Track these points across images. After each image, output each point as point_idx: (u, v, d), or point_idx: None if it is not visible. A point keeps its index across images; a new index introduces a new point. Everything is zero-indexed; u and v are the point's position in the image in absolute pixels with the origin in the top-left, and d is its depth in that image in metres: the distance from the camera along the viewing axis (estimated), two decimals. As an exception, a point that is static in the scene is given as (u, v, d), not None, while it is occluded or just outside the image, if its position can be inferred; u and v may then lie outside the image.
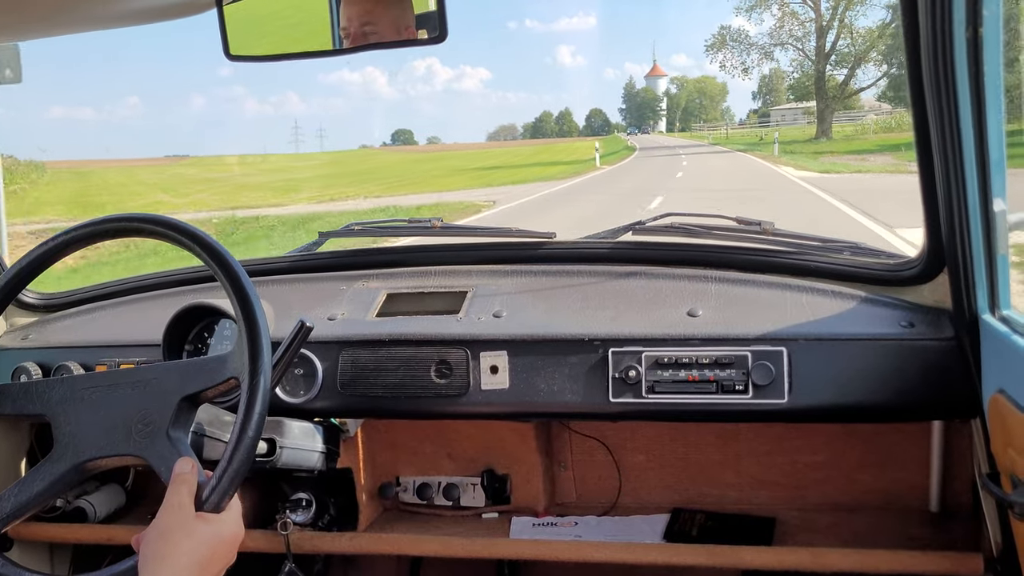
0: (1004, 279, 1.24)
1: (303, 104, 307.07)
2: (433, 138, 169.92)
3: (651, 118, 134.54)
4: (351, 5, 1.28)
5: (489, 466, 1.88)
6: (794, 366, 1.45)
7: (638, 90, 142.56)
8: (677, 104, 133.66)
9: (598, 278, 1.68)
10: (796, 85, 58.45)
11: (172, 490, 1.06)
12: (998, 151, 1.14)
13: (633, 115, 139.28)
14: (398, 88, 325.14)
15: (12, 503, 1.16)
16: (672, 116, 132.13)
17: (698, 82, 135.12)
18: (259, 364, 1.11)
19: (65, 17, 1.39)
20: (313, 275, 1.86)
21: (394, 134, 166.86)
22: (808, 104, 59.78)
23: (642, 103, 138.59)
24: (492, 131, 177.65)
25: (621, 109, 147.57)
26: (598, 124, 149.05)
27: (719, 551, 1.59)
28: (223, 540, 1.04)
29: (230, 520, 1.07)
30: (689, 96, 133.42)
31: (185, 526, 1.03)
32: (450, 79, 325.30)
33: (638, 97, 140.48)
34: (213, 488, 1.07)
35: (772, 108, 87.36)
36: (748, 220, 1.81)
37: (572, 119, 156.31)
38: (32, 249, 1.28)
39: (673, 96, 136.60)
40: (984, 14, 1.06)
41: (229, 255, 1.19)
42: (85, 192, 27.05)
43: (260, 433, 1.11)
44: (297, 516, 1.76)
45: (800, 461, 1.81)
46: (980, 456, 1.39)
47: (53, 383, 1.22)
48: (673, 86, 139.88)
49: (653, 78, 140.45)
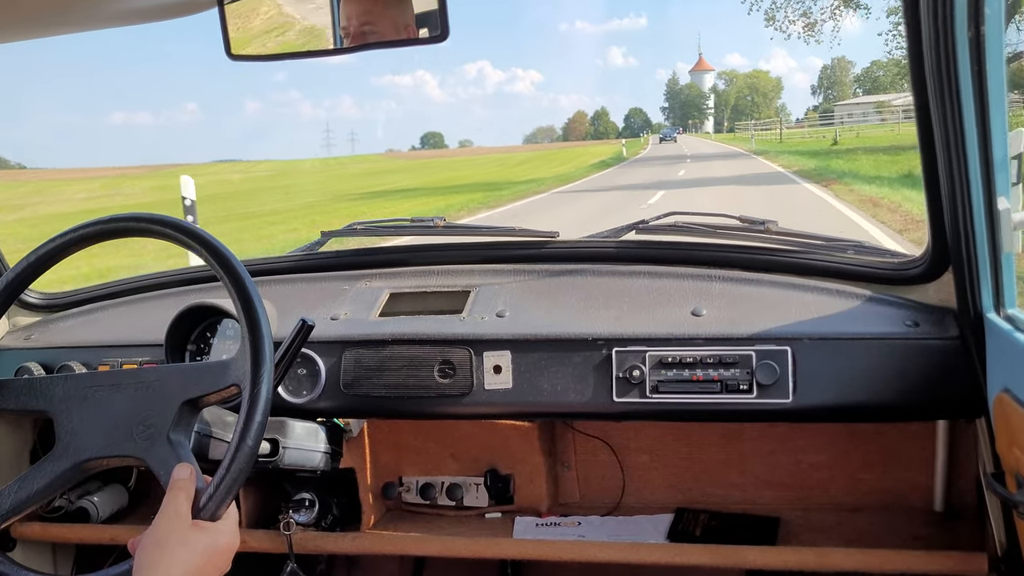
0: (1009, 278, 1.23)
1: (355, 108, 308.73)
2: (465, 141, 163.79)
3: (696, 117, 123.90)
4: (350, 4, 1.28)
5: (492, 466, 1.88)
6: (798, 366, 1.45)
7: (681, 86, 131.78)
8: (725, 102, 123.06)
9: (602, 277, 1.68)
10: (866, 76, 49.20)
11: (170, 497, 1.06)
12: (1002, 150, 1.14)
13: (676, 114, 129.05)
14: (448, 91, 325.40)
15: (12, 499, 1.17)
16: (720, 115, 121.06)
17: (749, 77, 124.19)
18: (260, 372, 1.11)
19: (65, 16, 1.39)
20: (316, 275, 1.86)
21: (423, 137, 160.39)
22: (881, 98, 49.75)
23: (686, 101, 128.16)
24: (529, 133, 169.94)
25: (663, 108, 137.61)
26: (638, 124, 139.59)
27: (723, 551, 1.59)
28: (219, 550, 1.04)
29: (226, 529, 1.07)
30: (739, 93, 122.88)
31: (181, 534, 1.02)
32: (501, 81, 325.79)
33: (681, 94, 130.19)
34: (211, 496, 1.07)
35: (836, 104, 75.37)
36: (752, 219, 1.80)
37: (609, 119, 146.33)
38: (34, 249, 1.28)
39: (721, 93, 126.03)
40: (986, 13, 1.05)
41: (233, 256, 1.19)
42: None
43: (260, 442, 1.10)
44: (300, 516, 1.76)
45: (804, 461, 1.80)
46: (985, 455, 1.38)
47: (57, 380, 1.22)
48: (721, 82, 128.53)
49: (698, 73, 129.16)
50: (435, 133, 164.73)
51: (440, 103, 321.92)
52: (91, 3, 1.34)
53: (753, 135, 24.16)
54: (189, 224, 1.23)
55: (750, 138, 48.67)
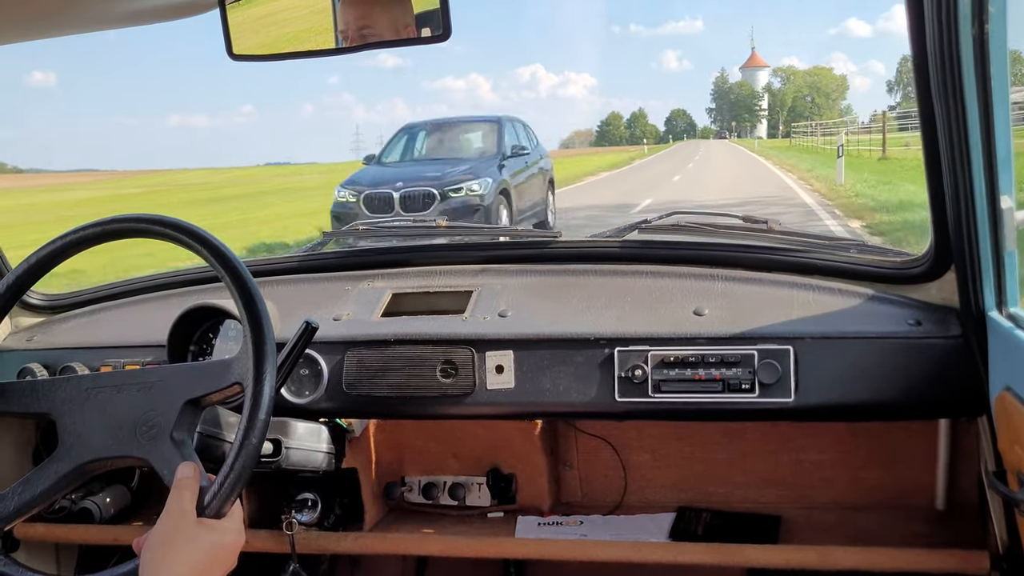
0: (1012, 276, 1.23)
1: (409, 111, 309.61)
2: None
3: (748, 120, 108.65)
4: (348, 7, 1.27)
5: (494, 465, 1.88)
6: (800, 365, 1.45)
7: (731, 85, 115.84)
8: (781, 103, 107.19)
9: (604, 277, 1.68)
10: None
11: (174, 495, 1.06)
12: (1005, 148, 1.14)
13: (724, 115, 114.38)
14: (501, 94, 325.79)
15: (16, 501, 1.17)
16: (775, 118, 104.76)
17: (809, 74, 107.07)
18: (263, 370, 1.11)
19: (66, 17, 1.39)
20: (318, 275, 1.86)
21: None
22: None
23: (736, 101, 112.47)
24: (565, 137, 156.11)
25: (709, 109, 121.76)
26: (681, 127, 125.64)
27: (725, 550, 1.59)
28: (224, 547, 1.04)
29: (231, 527, 1.07)
30: (797, 92, 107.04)
31: (186, 532, 1.03)
32: (554, 85, 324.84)
33: (731, 94, 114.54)
34: (215, 494, 1.07)
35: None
36: (754, 218, 1.81)
37: (646, 121, 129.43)
38: (36, 250, 1.28)
39: (776, 92, 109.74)
40: (990, 11, 1.05)
41: (235, 257, 1.19)
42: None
43: (263, 440, 1.11)
44: (302, 516, 1.76)
45: (806, 460, 1.80)
46: (987, 454, 1.38)
47: (59, 382, 1.23)
48: (776, 80, 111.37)
49: (751, 69, 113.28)
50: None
51: (492, 106, 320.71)
52: (92, 4, 1.34)
53: (842, 143, 16.59)
54: (190, 224, 1.23)
55: (819, 139, 35.04)
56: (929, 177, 1.32)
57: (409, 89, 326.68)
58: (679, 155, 32.93)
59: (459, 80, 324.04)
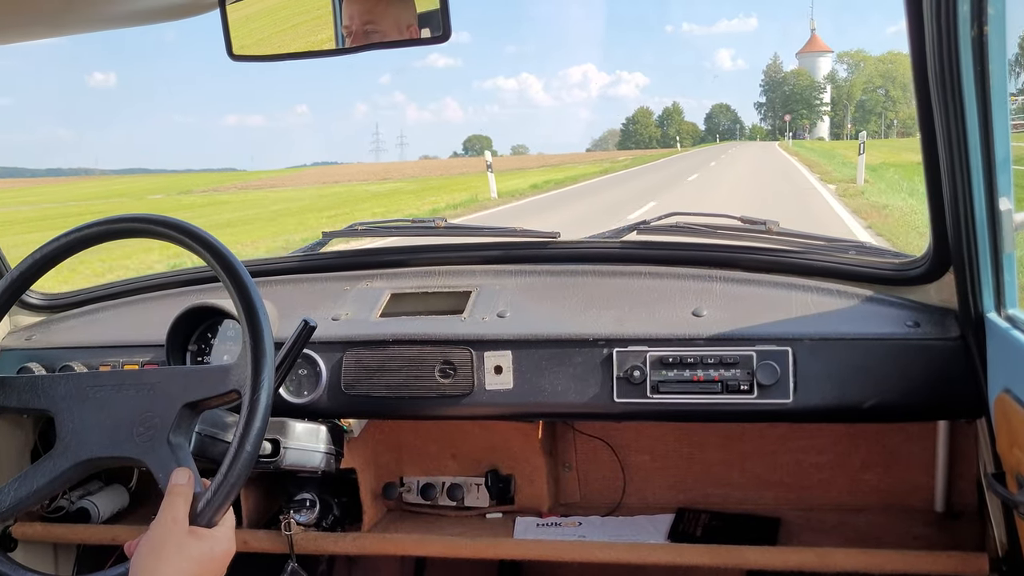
0: (1010, 278, 1.24)
1: (460, 111, 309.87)
2: (519, 147, 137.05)
3: (805, 116, 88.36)
4: (353, 4, 1.28)
5: (493, 466, 1.88)
6: (799, 366, 1.45)
7: (785, 74, 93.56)
8: (848, 94, 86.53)
9: (602, 278, 1.68)
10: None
11: (167, 502, 1.06)
12: (1004, 150, 1.14)
13: (776, 110, 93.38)
14: (553, 94, 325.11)
15: (12, 497, 1.17)
16: (839, 114, 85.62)
17: (882, 61, 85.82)
18: (261, 378, 1.11)
19: (67, 18, 1.39)
20: (317, 275, 1.86)
21: (466, 142, 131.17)
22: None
23: (791, 94, 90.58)
24: (597, 138, 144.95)
25: (758, 104, 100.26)
26: (724, 125, 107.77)
27: (723, 551, 1.59)
28: (214, 557, 1.05)
29: (223, 536, 1.07)
30: (868, 82, 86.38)
31: (177, 541, 1.03)
32: (606, 84, 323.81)
33: (785, 84, 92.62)
34: (208, 502, 1.07)
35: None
36: (753, 219, 1.81)
37: (682, 118, 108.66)
38: (36, 250, 1.28)
39: (842, 84, 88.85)
40: (989, 13, 1.05)
41: (234, 258, 1.19)
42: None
43: (259, 448, 1.11)
44: (301, 516, 1.76)
45: (805, 461, 1.80)
46: (985, 456, 1.38)
47: (59, 379, 1.22)
48: (842, 67, 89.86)
49: (810, 56, 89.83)
50: (483, 137, 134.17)
51: (544, 107, 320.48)
52: (93, 4, 1.34)
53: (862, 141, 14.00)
54: (190, 225, 1.23)
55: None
56: (928, 179, 1.32)
57: (460, 88, 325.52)
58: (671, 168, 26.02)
59: (510, 80, 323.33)
